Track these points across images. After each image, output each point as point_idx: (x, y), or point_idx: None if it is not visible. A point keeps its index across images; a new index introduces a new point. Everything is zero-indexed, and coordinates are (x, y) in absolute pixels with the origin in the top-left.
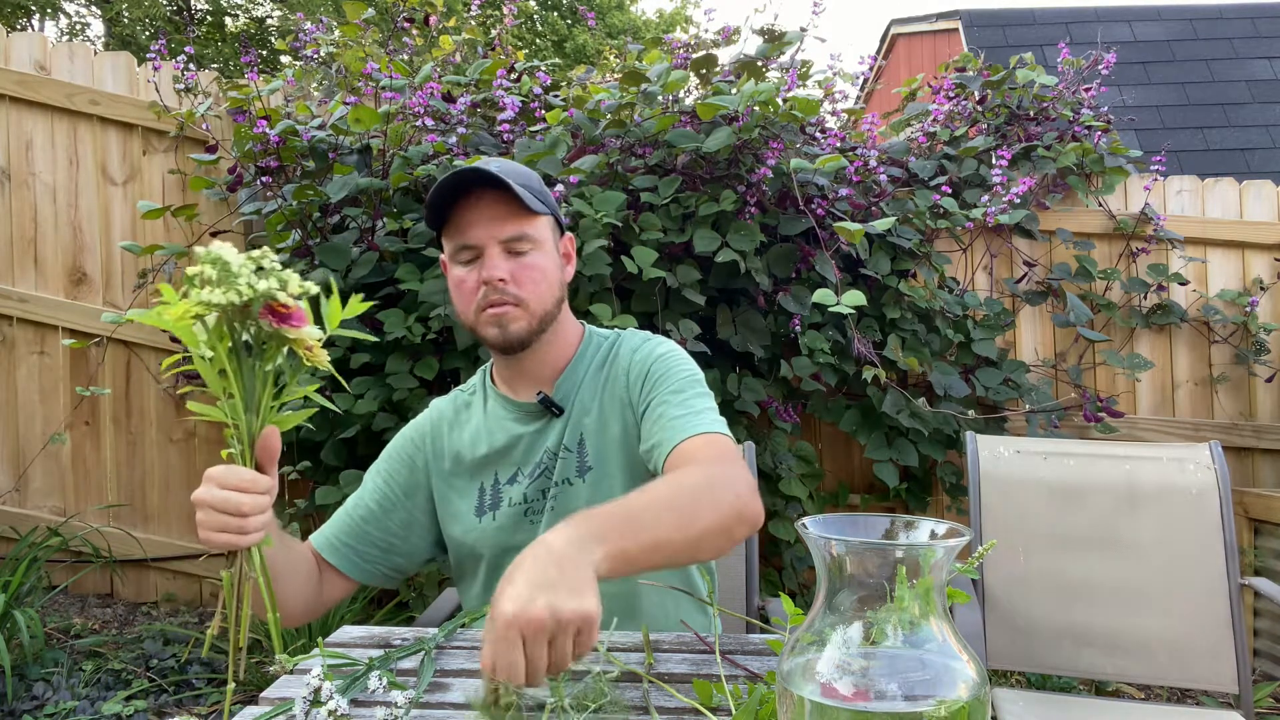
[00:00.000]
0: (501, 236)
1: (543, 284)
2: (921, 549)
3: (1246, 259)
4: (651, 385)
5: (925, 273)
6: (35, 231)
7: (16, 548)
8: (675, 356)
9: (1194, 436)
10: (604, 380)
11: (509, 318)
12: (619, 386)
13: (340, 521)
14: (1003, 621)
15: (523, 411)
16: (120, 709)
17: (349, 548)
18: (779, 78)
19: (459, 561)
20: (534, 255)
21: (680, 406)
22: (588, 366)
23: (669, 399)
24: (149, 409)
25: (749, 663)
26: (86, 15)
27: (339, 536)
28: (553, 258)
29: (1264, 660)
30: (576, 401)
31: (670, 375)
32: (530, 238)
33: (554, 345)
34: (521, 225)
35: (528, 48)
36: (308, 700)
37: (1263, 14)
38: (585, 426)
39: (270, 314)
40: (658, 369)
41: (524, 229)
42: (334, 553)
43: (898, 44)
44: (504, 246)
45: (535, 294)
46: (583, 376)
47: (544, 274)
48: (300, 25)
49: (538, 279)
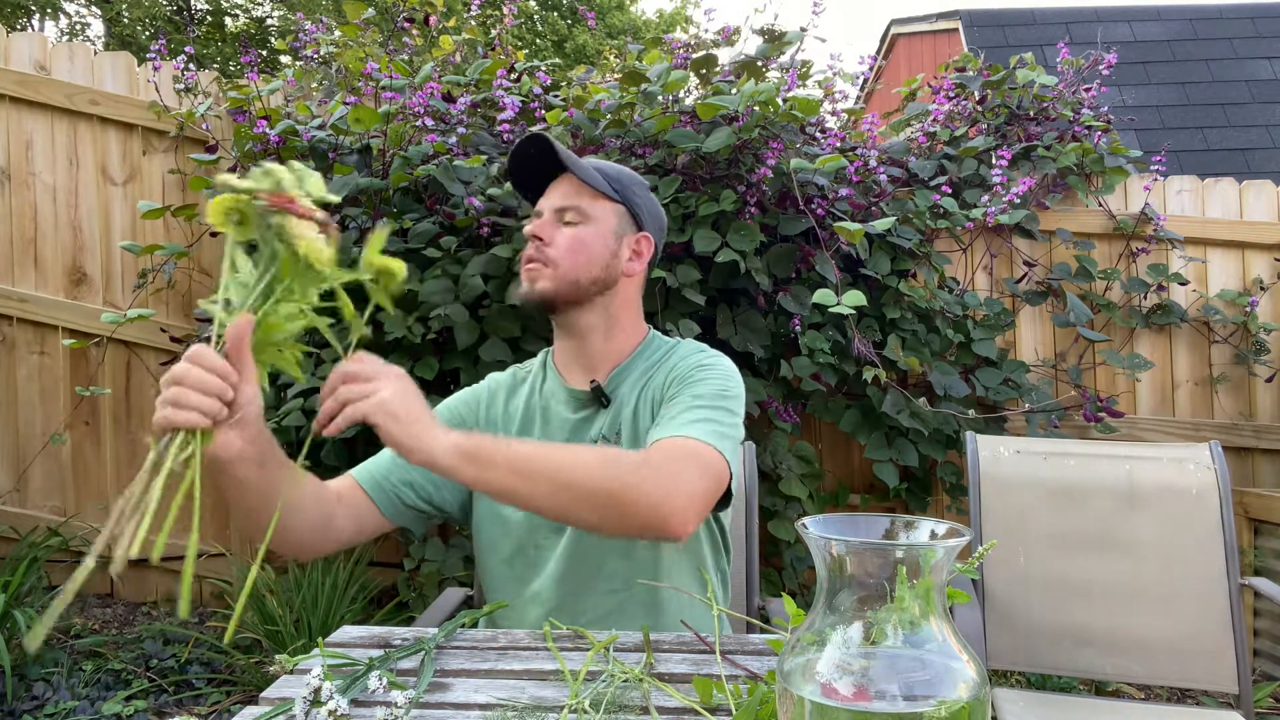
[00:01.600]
0: (555, 204)
1: (581, 254)
2: (921, 549)
3: (1246, 259)
4: (678, 389)
5: (925, 273)
6: (35, 231)
7: (16, 548)
8: (714, 370)
9: (1194, 436)
10: (648, 378)
11: (536, 274)
12: (656, 386)
13: (386, 459)
14: (1003, 621)
15: (574, 397)
16: (120, 709)
17: (391, 486)
18: (779, 78)
19: (484, 527)
20: (581, 228)
21: (688, 412)
22: (639, 366)
23: (683, 401)
24: (149, 409)
25: (749, 663)
26: (86, 15)
27: (382, 473)
28: (604, 238)
29: (1264, 660)
30: (622, 395)
31: (698, 384)
32: (581, 211)
33: (612, 337)
34: (577, 199)
35: (528, 48)
36: (308, 700)
37: (1263, 14)
38: (624, 419)
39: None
40: (692, 376)
41: (577, 202)
42: (375, 488)
43: (898, 44)
44: (556, 213)
45: (570, 260)
46: (629, 374)
47: (584, 245)
48: (300, 25)
49: (576, 248)
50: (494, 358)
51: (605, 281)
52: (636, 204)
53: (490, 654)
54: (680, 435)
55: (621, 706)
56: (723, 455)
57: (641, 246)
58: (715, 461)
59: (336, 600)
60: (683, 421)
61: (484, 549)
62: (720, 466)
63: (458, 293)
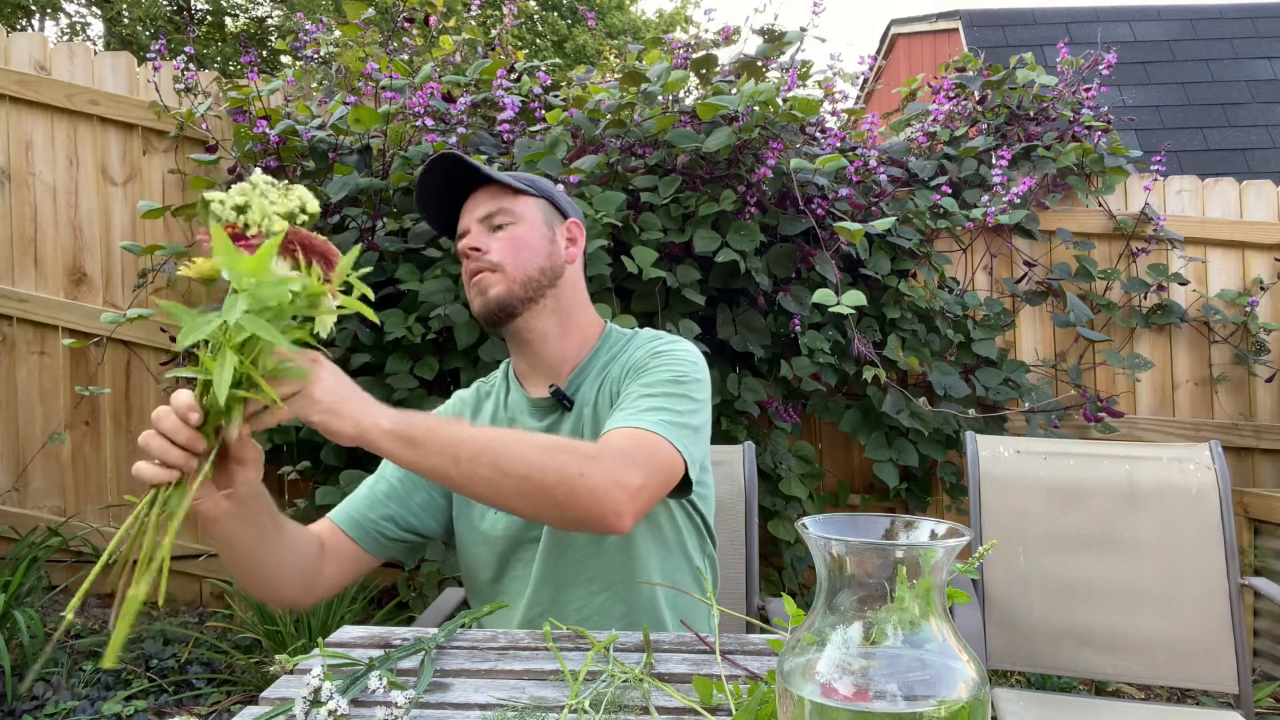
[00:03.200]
0: (479, 215)
1: (522, 251)
2: (921, 549)
3: (1246, 259)
4: (632, 378)
5: (925, 273)
6: (35, 231)
7: (16, 548)
8: (670, 356)
9: (1194, 436)
10: (605, 372)
11: (486, 282)
12: (613, 379)
13: (362, 498)
14: (1003, 621)
15: (536, 406)
16: (120, 709)
17: (370, 523)
18: (779, 78)
19: (468, 548)
20: (514, 228)
21: (639, 400)
22: (599, 362)
23: (635, 390)
24: (149, 409)
25: (749, 663)
26: (86, 15)
27: (360, 512)
28: (537, 230)
29: (1264, 660)
30: (583, 394)
31: (651, 371)
32: (508, 211)
33: (568, 336)
34: (499, 202)
35: (528, 48)
36: (308, 700)
37: (1263, 14)
38: (585, 418)
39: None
40: (647, 365)
41: (500, 204)
42: (355, 527)
43: (898, 44)
44: (484, 224)
45: (514, 260)
46: (587, 373)
47: (523, 241)
48: (300, 25)
49: (516, 245)
50: (494, 358)
51: (553, 271)
52: (554, 195)
53: (490, 654)
54: (629, 426)
55: (621, 706)
56: (673, 445)
57: (574, 232)
58: (663, 451)
59: (336, 600)
60: (632, 411)
61: (469, 569)
62: (670, 456)
63: (458, 293)
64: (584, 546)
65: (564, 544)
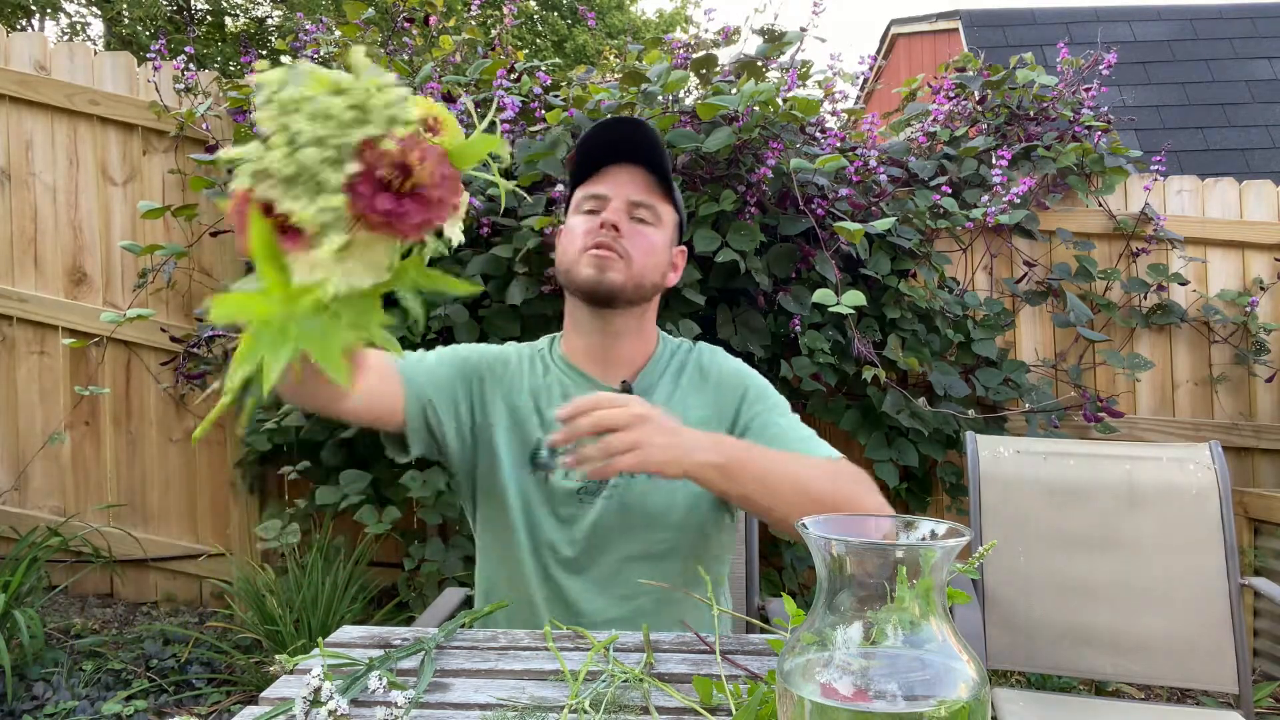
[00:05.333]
0: (633, 197)
1: (652, 257)
2: (921, 549)
3: (1246, 259)
4: (751, 402)
5: (925, 273)
6: (35, 231)
7: (16, 548)
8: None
9: (1194, 436)
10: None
11: (610, 263)
12: (684, 390)
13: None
14: (1003, 621)
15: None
16: (120, 709)
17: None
18: (779, 78)
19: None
20: (653, 230)
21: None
22: (665, 368)
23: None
24: (149, 409)
25: (749, 663)
26: (86, 15)
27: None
28: (666, 245)
29: (1264, 660)
30: (653, 399)
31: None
32: (656, 213)
33: (641, 338)
34: (650, 197)
35: (528, 48)
36: (308, 700)
37: (1263, 14)
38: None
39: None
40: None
41: (652, 200)
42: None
43: (898, 44)
44: (631, 207)
45: (642, 261)
46: (659, 376)
47: (654, 249)
48: (300, 25)
49: (647, 249)
50: None
51: (658, 288)
52: (682, 214)
53: (490, 654)
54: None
55: (621, 706)
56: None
57: (678, 260)
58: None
59: (336, 600)
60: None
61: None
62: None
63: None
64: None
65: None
